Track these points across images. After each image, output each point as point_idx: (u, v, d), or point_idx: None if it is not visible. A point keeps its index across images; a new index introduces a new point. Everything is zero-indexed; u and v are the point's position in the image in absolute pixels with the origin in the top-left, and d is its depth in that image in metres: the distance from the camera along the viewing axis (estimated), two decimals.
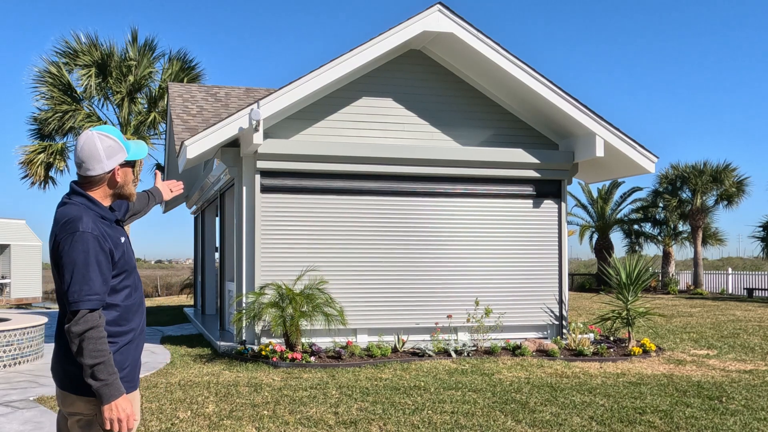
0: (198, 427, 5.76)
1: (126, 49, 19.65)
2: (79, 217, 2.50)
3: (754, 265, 39.91)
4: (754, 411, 6.41)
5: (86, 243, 2.46)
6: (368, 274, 10.34)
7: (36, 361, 9.31)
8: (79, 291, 2.43)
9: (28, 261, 29.06)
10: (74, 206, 2.57)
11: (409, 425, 5.84)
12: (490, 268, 10.80)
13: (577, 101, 10.33)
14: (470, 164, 10.62)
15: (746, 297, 24.39)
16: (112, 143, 2.61)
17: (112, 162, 2.61)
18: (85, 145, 2.59)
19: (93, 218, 2.54)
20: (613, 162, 11.09)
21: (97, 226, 2.53)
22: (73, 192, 2.62)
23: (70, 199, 2.60)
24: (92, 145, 2.58)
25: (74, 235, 2.47)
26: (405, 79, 10.69)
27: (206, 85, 16.12)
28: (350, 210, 10.35)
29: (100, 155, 2.58)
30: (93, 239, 2.48)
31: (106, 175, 2.62)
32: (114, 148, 2.61)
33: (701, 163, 27.92)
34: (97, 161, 2.58)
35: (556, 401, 6.73)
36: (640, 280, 10.59)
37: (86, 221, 2.50)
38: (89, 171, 2.59)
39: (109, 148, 2.60)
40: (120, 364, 2.59)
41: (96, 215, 2.58)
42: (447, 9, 9.92)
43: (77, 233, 2.47)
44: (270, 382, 7.62)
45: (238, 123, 9.34)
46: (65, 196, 2.64)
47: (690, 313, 17.30)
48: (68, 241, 2.47)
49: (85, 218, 2.50)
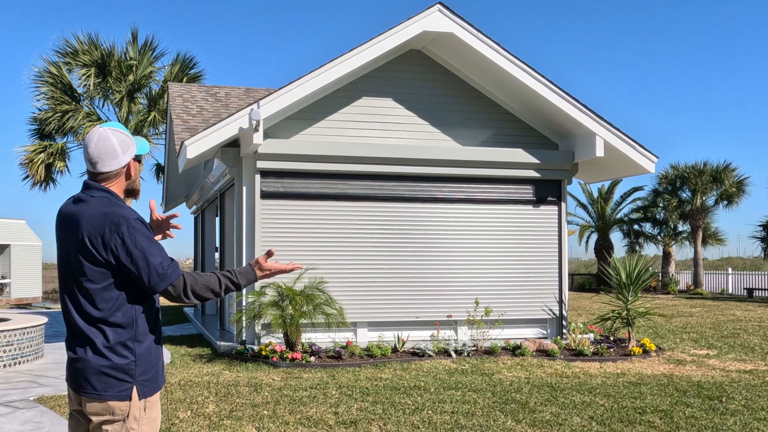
0: (198, 427, 5.76)
1: (126, 49, 19.65)
2: (115, 211, 2.50)
3: (754, 265, 39.91)
4: (754, 411, 6.41)
5: (141, 229, 2.51)
6: (368, 271, 10.34)
7: (36, 361, 9.31)
8: (156, 273, 2.48)
9: (28, 261, 29.06)
10: (99, 200, 2.54)
11: (409, 425, 5.84)
12: (490, 267, 10.80)
13: (577, 101, 10.33)
14: (470, 164, 10.62)
15: (746, 297, 24.39)
16: (124, 137, 2.61)
17: (127, 156, 2.61)
18: (99, 142, 2.56)
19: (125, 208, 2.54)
20: (613, 162, 11.09)
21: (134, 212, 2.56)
22: (93, 188, 2.58)
23: (92, 196, 2.56)
24: (107, 141, 2.57)
25: (122, 228, 2.47)
26: (405, 79, 10.69)
27: (206, 85, 16.13)
28: (350, 209, 10.34)
29: (116, 150, 2.58)
30: (142, 223, 2.54)
31: (122, 170, 2.62)
32: (127, 143, 2.62)
33: (701, 163, 27.93)
34: (113, 156, 2.58)
35: (556, 401, 6.73)
36: (640, 280, 10.58)
37: (124, 210, 2.52)
38: (106, 167, 2.57)
39: (122, 143, 2.60)
40: (152, 364, 2.59)
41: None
42: (447, 9, 9.92)
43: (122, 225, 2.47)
44: (270, 382, 7.62)
45: (238, 123, 9.34)
46: (84, 194, 2.59)
47: (690, 313, 17.30)
48: (118, 235, 2.46)
49: (119, 210, 2.51)
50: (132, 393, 2.52)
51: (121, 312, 2.52)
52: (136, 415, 2.52)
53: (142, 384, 2.55)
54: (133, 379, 2.52)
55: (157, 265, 2.49)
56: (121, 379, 2.50)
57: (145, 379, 2.56)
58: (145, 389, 2.56)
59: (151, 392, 2.58)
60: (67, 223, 2.58)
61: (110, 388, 2.49)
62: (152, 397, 2.60)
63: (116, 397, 2.50)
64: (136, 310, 2.55)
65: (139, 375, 2.54)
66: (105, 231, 2.46)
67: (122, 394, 2.50)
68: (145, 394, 2.56)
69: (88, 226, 2.49)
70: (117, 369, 2.50)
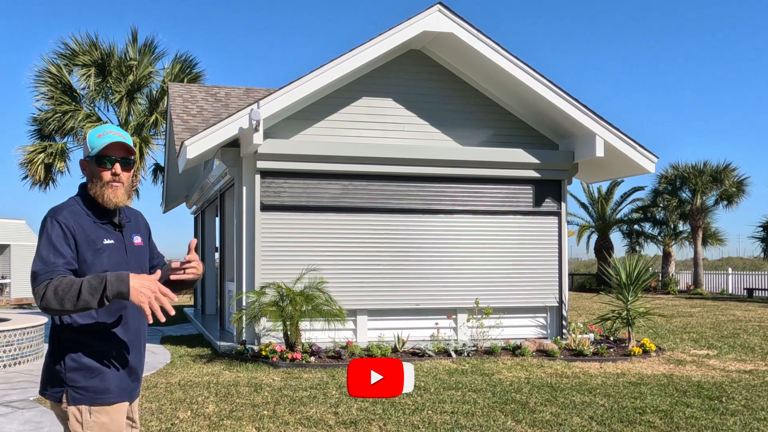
0: (198, 427, 5.76)
1: (126, 49, 19.64)
2: (57, 207, 2.57)
3: (754, 265, 39.90)
4: (754, 411, 6.41)
5: (47, 226, 2.50)
6: (368, 262, 10.34)
7: (36, 361, 9.31)
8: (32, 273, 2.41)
9: (28, 261, 29.01)
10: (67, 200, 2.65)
11: (409, 425, 5.84)
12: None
13: (577, 101, 10.33)
14: (470, 164, 10.62)
15: (746, 297, 24.40)
16: (86, 141, 2.65)
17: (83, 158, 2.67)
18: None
19: (70, 211, 2.55)
20: (613, 162, 11.09)
21: (71, 217, 2.51)
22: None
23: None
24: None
25: (42, 221, 2.52)
26: (405, 79, 10.68)
27: (206, 85, 16.13)
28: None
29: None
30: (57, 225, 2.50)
31: (83, 171, 2.66)
32: (85, 145, 2.65)
33: (701, 163, 27.93)
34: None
35: (556, 401, 6.73)
36: (640, 280, 10.58)
37: (57, 206, 2.57)
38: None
39: (85, 146, 2.65)
40: (95, 373, 2.52)
41: (78, 209, 2.57)
42: (447, 9, 9.92)
43: (45, 218, 2.52)
44: (270, 382, 7.62)
45: (238, 123, 9.35)
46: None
47: (690, 313, 17.30)
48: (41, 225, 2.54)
49: (56, 205, 2.59)
50: (62, 397, 2.51)
51: (66, 315, 2.49)
52: (77, 417, 2.49)
53: (76, 391, 2.49)
54: (65, 384, 2.50)
55: (34, 263, 2.40)
56: (54, 384, 2.53)
57: (80, 386, 2.48)
58: (78, 397, 2.49)
59: (87, 401, 2.49)
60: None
61: (47, 387, 2.57)
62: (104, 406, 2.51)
63: (51, 396, 2.56)
64: (79, 314, 2.48)
65: (71, 381, 2.49)
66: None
67: (55, 395, 2.54)
68: (79, 401, 2.49)
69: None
70: (49, 370, 2.56)
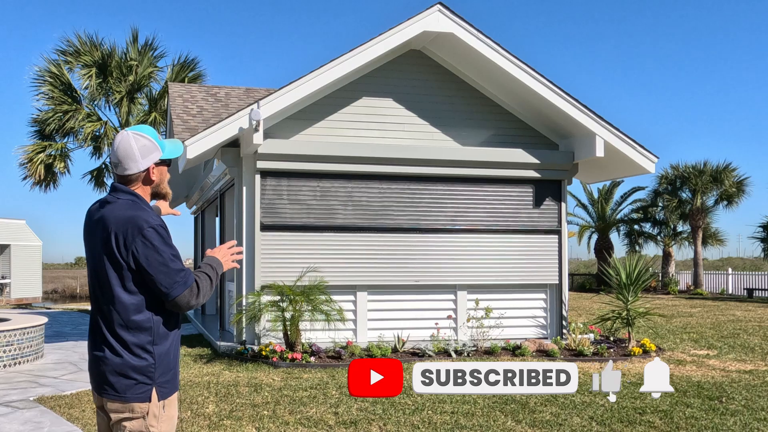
0: (198, 427, 5.77)
1: (126, 49, 19.65)
2: (138, 215, 2.57)
3: (754, 265, 39.92)
4: (754, 411, 6.41)
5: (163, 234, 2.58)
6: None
7: (36, 361, 9.31)
8: (173, 280, 2.56)
9: (28, 261, 29.05)
10: (124, 203, 2.62)
11: (409, 425, 5.84)
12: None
13: (577, 101, 10.33)
14: (470, 164, 10.62)
15: (746, 297, 24.40)
16: (146, 142, 2.67)
17: (146, 161, 2.67)
18: (120, 145, 2.66)
19: (149, 213, 2.62)
20: (613, 162, 11.08)
21: (158, 218, 2.63)
22: (119, 190, 2.67)
23: (118, 198, 2.65)
24: (127, 145, 2.65)
25: (144, 233, 2.53)
26: (405, 79, 10.68)
27: (206, 85, 16.14)
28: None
29: (135, 154, 2.65)
30: (164, 229, 2.61)
31: (142, 174, 2.68)
32: (149, 147, 2.67)
33: (701, 163, 27.92)
34: (132, 160, 2.65)
35: (555, 401, 6.73)
36: (640, 281, 10.58)
37: (147, 215, 2.59)
38: (126, 170, 2.66)
39: (143, 148, 2.66)
40: (171, 366, 2.66)
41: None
42: (447, 9, 9.92)
43: (146, 230, 2.54)
44: (270, 382, 7.62)
45: (238, 123, 9.34)
46: (110, 196, 2.68)
47: (690, 313, 17.31)
48: (139, 239, 2.53)
49: (143, 214, 2.58)
50: (152, 394, 2.58)
51: (142, 314, 2.57)
52: (155, 413, 2.59)
53: (161, 386, 2.60)
54: (153, 381, 2.58)
55: (174, 272, 2.56)
56: (140, 381, 2.56)
57: (164, 381, 2.62)
58: (164, 390, 2.62)
59: (169, 393, 2.65)
60: (93, 226, 2.66)
61: (129, 390, 2.55)
62: (171, 396, 2.67)
63: (136, 398, 2.56)
64: (156, 313, 2.61)
65: (158, 377, 2.59)
66: (128, 234, 2.54)
67: (142, 395, 2.56)
68: (164, 395, 2.62)
69: (113, 228, 2.57)
70: (137, 371, 2.55)
